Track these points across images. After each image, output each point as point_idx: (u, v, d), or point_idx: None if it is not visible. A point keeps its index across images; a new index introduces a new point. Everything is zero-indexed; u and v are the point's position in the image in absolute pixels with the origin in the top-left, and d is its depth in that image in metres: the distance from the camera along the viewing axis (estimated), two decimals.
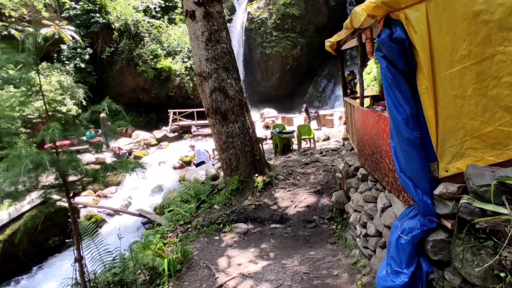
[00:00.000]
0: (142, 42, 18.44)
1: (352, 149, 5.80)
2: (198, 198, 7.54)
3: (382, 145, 3.48)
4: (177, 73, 18.26)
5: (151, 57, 18.16)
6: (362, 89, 4.61)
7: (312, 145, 11.37)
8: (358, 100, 5.22)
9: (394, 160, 2.55)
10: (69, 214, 9.37)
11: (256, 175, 7.23)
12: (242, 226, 5.81)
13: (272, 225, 5.99)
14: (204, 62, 7.12)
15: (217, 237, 5.60)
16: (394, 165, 3.16)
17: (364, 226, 4.14)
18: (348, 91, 6.61)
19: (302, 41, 23.04)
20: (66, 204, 9.45)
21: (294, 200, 6.70)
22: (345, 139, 6.71)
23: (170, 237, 6.23)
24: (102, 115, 14.33)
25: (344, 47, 6.06)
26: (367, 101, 6.35)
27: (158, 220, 7.93)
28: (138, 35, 18.50)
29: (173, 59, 18.63)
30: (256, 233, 5.65)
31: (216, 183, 8.42)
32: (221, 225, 5.99)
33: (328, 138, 12.87)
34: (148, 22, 18.88)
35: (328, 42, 5.54)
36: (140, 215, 8.79)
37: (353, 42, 5.63)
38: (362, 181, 4.52)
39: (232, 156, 7.29)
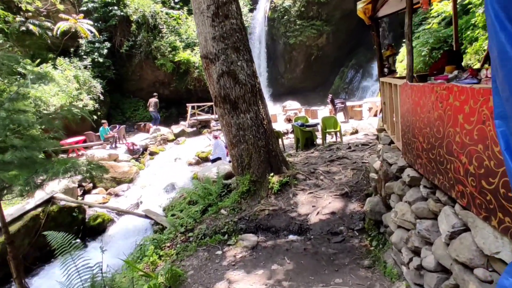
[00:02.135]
0: (160, 34, 17.71)
1: (392, 142, 4.46)
2: (205, 200, 6.50)
3: (452, 135, 2.18)
4: (195, 65, 17.37)
5: (169, 49, 17.38)
6: (412, 59, 3.27)
7: (339, 139, 9.99)
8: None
9: (507, 159, 1.27)
10: (73, 214, 8.76)
11: (272, 174, 6.05)
12: (251, 238, 4.67)
13: (289, 237, 4.80)
14: (211, 41, 6.02)
15: (219, 252, 4.50)
16: (478, 166, 1.86)
17: (415, 252, 2.85)
18: (386, 70, 5.22)
19: (327, 29, 21.33)
20: (72, 204, 8.83)
21: (317, 205, 5.46)
22: (380, 130, 5.35)
23: (169, 247, 5.23)
24: (154, 100, 15.88)
25: (382, 13, 4.69)
26: None
27: (164, 223, 7.01)
28: (156, 27, 17.79)
29: (192, 51, 17.76)
30: (268, 248, 4.49)
31: (229, 182, 7.35)
32: (226, 236, 4.89)
33: (356, 132, 11.38)
34: (166, 14, 18.12)
35: (361, 4, 4.20)
36: (146, 216, 7.92)
37: (394, 4, 4.25)
38: (410, 186, 3.21)
39: (243, 152, 6.16)
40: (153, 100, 16.01)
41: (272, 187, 5.87)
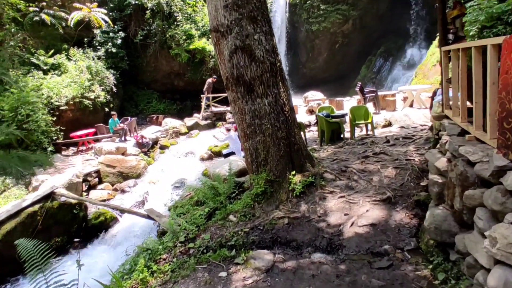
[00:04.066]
0: (175, 23, 16.84)
1: (465, 132, 3.20)
2: (215, 201, 5.48)
3: None
4: (211, 54, 16.38)
5: (184, 37, 16.48)
6: None
7: (370, 132, 8.68)
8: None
9: None
10: (74, 211, 8.02)
11: (293, 172, 4.92)
12: (265, 257, 3.56)
13: (315, 256, 3.66)
14: (222, 10, 4.92)
15: (223, 273, 3.43)
16: None
17: None
18: (451, 36, 3.92)
19: (354, 14, 19.66)
20: (72, 200, 8.09)
21: (350, 212, 4.29)
22: (439, 117, 4.07)
23: (165, 260, 4.24)
24: (208, 80, 15.70)
25: None
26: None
27: (165, 226, 6.06)
28: (171, 15, 16.94)
29: (208, 40, 16.78)
30: (287, 272, 3.37)
31: (242, 180, 6.29)
32: (234, 251, 3.81)
33: (389, 124, 9.95)
34: (182, 1, 17.21)
35: None
36: (148, 217, 7.02)
37: None
38: None
39: (259, 145, 5.05)
40: (207, 81, 15.70)
41: (293, 189, 4.75)
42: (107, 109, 14.14)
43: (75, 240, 7.80)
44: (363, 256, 3.51)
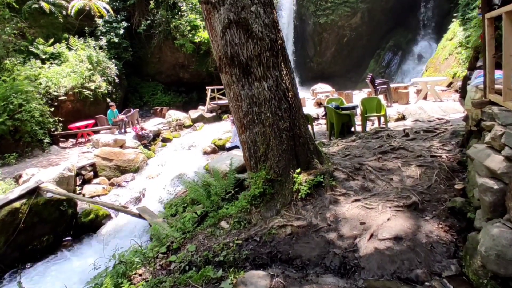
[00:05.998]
0: (179, 13, 15.91)
1: None
2: (208, 202, 4.59)
3: None
4: None
5: (188, 28, 15.56)
6: None
7: (383, 125, 7.69)
8: None
9: None
10: (62, 208, 7.21)
11: (298, 170, 3.98)
12: (260, 282, 2.65)
13: (324, 279, 2.73)
14: None
15: None
16: None
17: None
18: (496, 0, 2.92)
19: (362, 6, 18.45)
20: (59, 196, 7.27)
21: (368, 221, 3.34)
22: (480, 104, 3.07)
23: (141, 275, 3.37)
24: None
25: None
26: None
27: (151, 230, 5.19)
28: (175, 5, 16.01)
29: None
30: None
31: (243, 176, 5.39)
32: (221, 270, 2.91)
33: (403, 117, 8.94)
34: None
35: None
36: (140, 216, 6.18)
37: None
38: None
39: (257, 137, 4.11)
40: None
41: (298, 190, 3.81)
42: (109, 100, 13.35)
43: (65, 239, 7.02)
44: (388, 284, 2.58)
